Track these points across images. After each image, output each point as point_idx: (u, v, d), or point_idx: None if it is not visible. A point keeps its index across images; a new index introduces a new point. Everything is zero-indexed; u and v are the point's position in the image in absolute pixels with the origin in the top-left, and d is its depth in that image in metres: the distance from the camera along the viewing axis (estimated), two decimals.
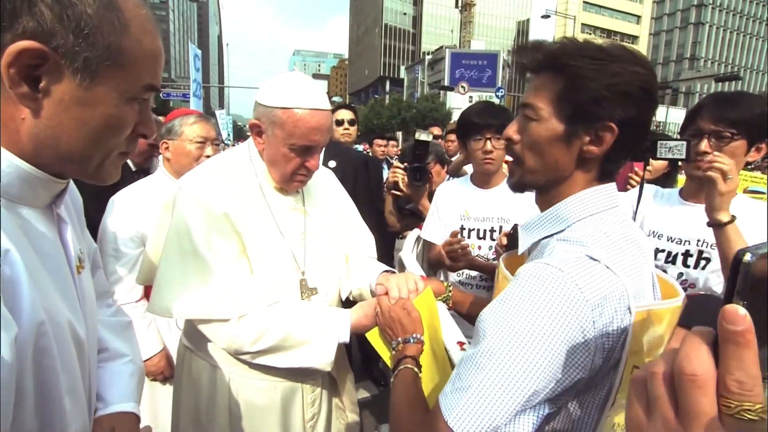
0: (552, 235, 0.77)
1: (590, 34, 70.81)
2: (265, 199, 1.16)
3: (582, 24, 67.18)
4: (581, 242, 0.69)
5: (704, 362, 0.30)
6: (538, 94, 0.75)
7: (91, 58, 0.51)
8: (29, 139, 0.52)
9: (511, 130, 0.80)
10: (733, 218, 1.12)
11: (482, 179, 1.73)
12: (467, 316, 1.18)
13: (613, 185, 0.77)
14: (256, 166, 1.17)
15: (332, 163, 2.25)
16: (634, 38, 74.14)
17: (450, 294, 1.19)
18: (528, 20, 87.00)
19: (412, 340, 0.97)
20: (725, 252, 1.14)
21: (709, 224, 1.14)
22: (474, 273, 1.68)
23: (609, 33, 72.71)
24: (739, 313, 0.29)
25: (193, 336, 1.19)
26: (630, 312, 0.64)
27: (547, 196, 0.80)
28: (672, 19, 74.19)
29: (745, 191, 2.56)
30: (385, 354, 1.05)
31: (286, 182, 1.16)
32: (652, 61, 75.76)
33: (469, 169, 2.25)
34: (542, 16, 30.12)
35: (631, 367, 0.65)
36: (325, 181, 1.37)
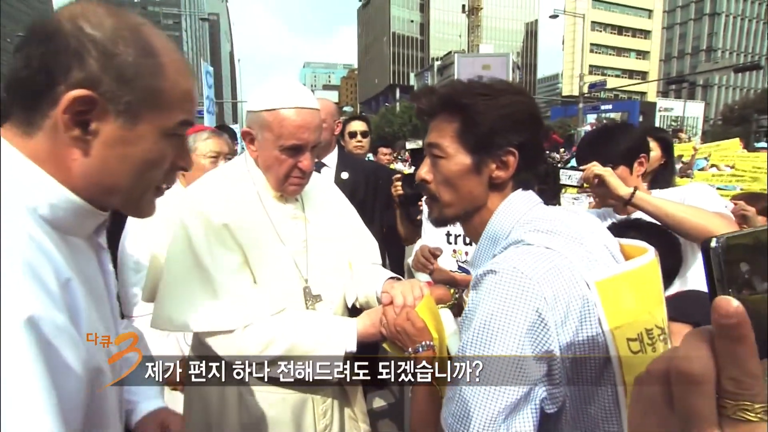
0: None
1: (600, 31, 69.85)
2: (264, 208, 1.16)
3: (592, 22, 66.35)
4: (515, 240, 0.74)
5: (702, 360, 0.28)
6: (441, 134, 0.81)
7: (132, 102, 0.57)
8: (80, 177, 0.58)
9: (423, 171, 0.85)
10: (635, 188, 1.28)
11: None
12: None
13: (527, 191, 0.82)
14: (254, 176, 1.18)
15: (345, 175, 2.24)
16: (646, 33, 72.81)
17: (456, 301, 1.18)
18: (536, 21, 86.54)
19: (421, 349, 0.97)
20: (658, 214, 1.26)
21: (625, 204, 1.29)
22: None
23: (620, 29, 71.55)
24: (731, 305, 0.27)
25: (201, 350, 1.19)
26: (588, 286, 0.65)
27: (471, 225, 0.85)
28: (686, 11, 72.70)
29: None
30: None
31: (281, 187, 1.16)
32: (667, 56, 74.42)
33: None
34: (550, 16, 29.90)
35: (625, 341, 0.65)
36: (324, 188, 1.37)
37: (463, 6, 79.30)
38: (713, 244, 0.30)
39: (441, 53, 76.65)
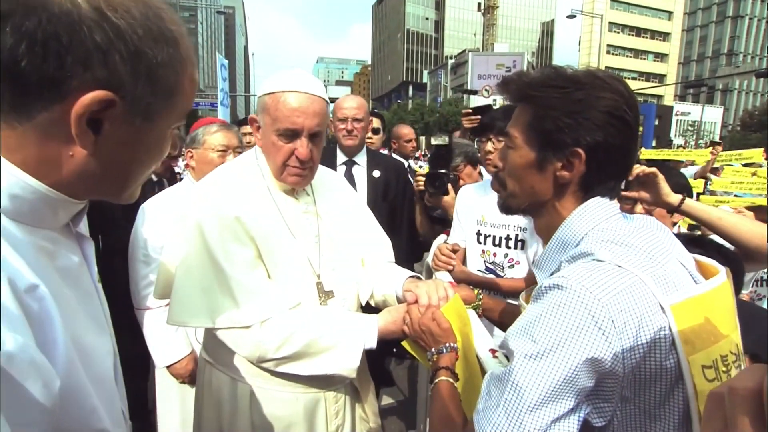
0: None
1: (618, 32, 68.71)
2: (274, 201, 1.14)
3: (609, 23, 65.27)
4: (586, 252, 0.70)
5: None
6: (515, 124, 0.79)
7: (153, 103, 0.51)
8: (72, 174, 0.51)
9: (497, 158, 0.87)
10: (685, 195, 1.21)
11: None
12: (499, 324, 1.13)
13: (605, 199, 0.76)
14: (263, 169, 1.16)
15: (376, 173, 2.21)
16: (665, 35, 71.43)
17: (480, 302, 1.15)
18: (553, 21, 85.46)
19: (445, 350, 0.94)
20: (710, 220, 1.17)
21: (674, 211, 1.23)
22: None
23: (638, 31, 70.31)
24: None
25: (213, 349, 1.17)
26: (663, 309, 0.61)
27: (540, 224, 0.82)
28: (707, 13, 71.21)
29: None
30: (424, 362, 1.02)
31: (279, 175, 1.13)
32: (686, 59, 72.95)
33: None
34: (567, 17, 29.51)
35: (699, 368, 0.61)
36: (335, 184, 1.34)
37: (479, 4, 78.56)
38: None
39: (455, 51, 76.19)
